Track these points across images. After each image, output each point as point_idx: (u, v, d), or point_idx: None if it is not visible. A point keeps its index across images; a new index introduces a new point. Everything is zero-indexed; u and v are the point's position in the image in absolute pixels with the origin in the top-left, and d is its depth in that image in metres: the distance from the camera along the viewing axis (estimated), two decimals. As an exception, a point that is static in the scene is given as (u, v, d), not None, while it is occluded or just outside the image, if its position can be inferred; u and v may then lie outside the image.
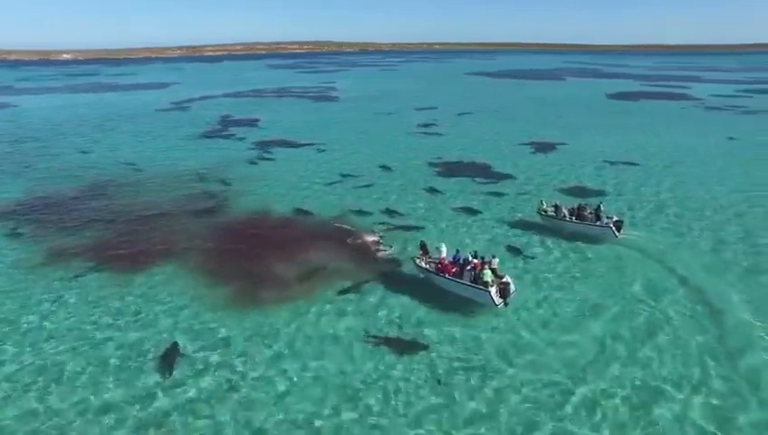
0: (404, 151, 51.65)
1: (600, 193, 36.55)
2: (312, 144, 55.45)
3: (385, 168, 44.95)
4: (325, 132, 62.64)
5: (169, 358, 17.63)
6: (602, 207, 28.30)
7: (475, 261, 21.17)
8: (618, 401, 15.49)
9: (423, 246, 23.13)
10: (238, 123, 69.79)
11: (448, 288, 21.47)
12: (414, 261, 22.90)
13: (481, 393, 15.94)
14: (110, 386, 16.51)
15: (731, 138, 56.89)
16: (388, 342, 18.61)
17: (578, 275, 23.72)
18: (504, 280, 20.42)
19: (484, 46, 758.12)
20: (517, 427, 14.59)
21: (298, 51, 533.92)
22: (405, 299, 21.53)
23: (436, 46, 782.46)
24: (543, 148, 52.67)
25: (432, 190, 37.83)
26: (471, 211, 32.89)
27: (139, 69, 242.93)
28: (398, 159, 47.91)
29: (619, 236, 26.99)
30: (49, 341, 18.97)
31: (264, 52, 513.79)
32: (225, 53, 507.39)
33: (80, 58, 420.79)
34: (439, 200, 35.64)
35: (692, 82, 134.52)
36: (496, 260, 21.43)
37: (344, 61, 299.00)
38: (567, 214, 28.69)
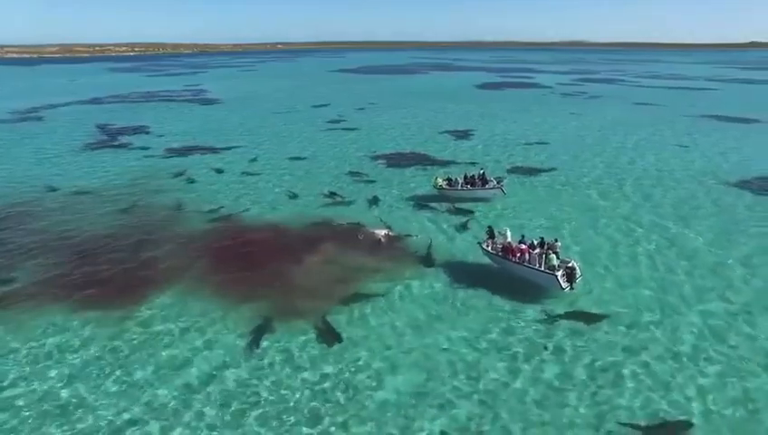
0: (327, 147, 51.70)
1: (489, 164, 42.39)
2: (230, 148, 51.74)
3: (319, 164, 44.70)
4: (236, 135, 58.77)
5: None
6: (485, 173, 33.67)
7: (523, 246, 21.49)
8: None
9: (489, 231, 23.55)
10: (125, 132, 61.38)
11: (515, 272, 21.53)
12: (480, 246, 23.24)
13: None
14: None
15: (574, 113, 71.34)
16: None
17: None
18: (569, 264, 20.46)
19: (326, 45, 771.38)
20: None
21: (129, 53, 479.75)
22: (466, 282, 22.17)
23: (279, 46, 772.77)
24: (446, 133, 57.64)
25: (367, 179, 39.40)
26: (402, 195, 35.18)
27: None
28: (327, 155, 48.06)
29: (506, 193, 32.44)
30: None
31: (87, 55, 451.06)
32: (36, 55, 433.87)
33: None
34: (376, 186, 37.28)
35: (533, 72, 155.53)
36: (559, 244, 21.62)
37: (193, 63, 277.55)
38: (462, 183, 33.03)
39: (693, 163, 42.79)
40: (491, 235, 23.33)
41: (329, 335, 18.21)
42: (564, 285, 20.11)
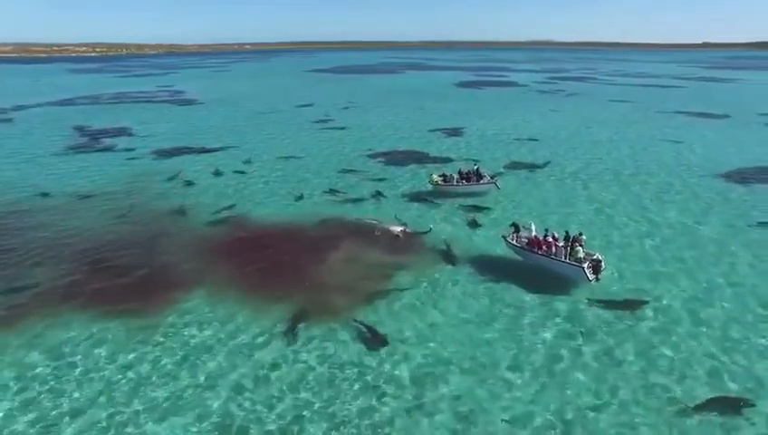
0: (318, 146, 51.26)
1: (475, 160, 42.61)
2: (220, 148, 50.77)
3: (313, 163, 44.47)
4: (223, 135, 57.72)
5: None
6: (480, 168, 34.62)
7: (550, 239, 21.85)
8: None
9: (515, 226, 23.81)
10: (106, 133, 59.31)
11: (541, 265, 21.82)
12: (505, 239, 23.56)
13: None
14: None
15: (552, 110, 73.72)
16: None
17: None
18: (594, 257, 20.97)
19: (296, 45, 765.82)
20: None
21: (90, 54, 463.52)
22: (494, 275, 22.57)
23: (248, 47, 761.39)
24: (431, 131, 58.31)
25: (364, 177, 39.22)
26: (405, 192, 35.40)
27: None
28: (319, 154, 47.73)
29: (500, 188, 33.37)
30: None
31: (44, 54, 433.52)
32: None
33: None
34: (375, 183, 37.30)
35: (508, 71, 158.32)
36: (584, 237, 21.85)
37: (163, 63, 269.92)
38: (457, 179, 33.64)
39: (672, 156, 44.74)
40: (516, 229, 23.68)
41: (367, 331, 18.17)
42: (591, 276, 20.67)
